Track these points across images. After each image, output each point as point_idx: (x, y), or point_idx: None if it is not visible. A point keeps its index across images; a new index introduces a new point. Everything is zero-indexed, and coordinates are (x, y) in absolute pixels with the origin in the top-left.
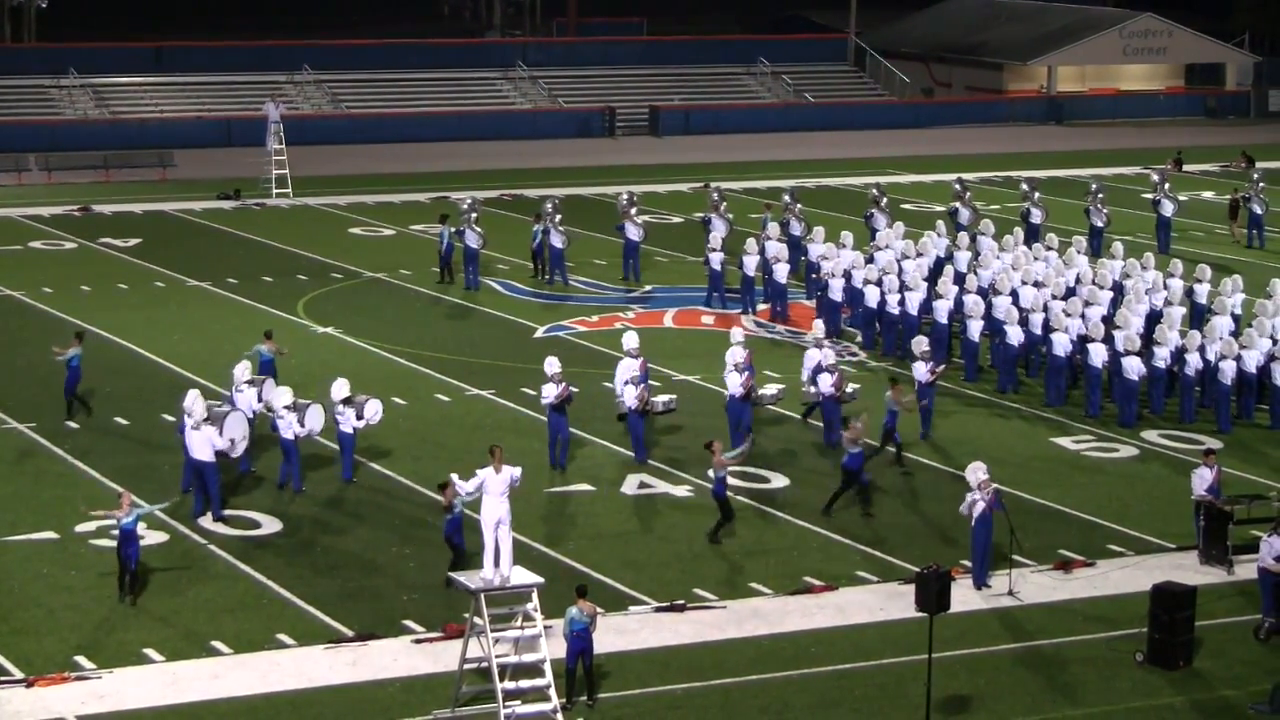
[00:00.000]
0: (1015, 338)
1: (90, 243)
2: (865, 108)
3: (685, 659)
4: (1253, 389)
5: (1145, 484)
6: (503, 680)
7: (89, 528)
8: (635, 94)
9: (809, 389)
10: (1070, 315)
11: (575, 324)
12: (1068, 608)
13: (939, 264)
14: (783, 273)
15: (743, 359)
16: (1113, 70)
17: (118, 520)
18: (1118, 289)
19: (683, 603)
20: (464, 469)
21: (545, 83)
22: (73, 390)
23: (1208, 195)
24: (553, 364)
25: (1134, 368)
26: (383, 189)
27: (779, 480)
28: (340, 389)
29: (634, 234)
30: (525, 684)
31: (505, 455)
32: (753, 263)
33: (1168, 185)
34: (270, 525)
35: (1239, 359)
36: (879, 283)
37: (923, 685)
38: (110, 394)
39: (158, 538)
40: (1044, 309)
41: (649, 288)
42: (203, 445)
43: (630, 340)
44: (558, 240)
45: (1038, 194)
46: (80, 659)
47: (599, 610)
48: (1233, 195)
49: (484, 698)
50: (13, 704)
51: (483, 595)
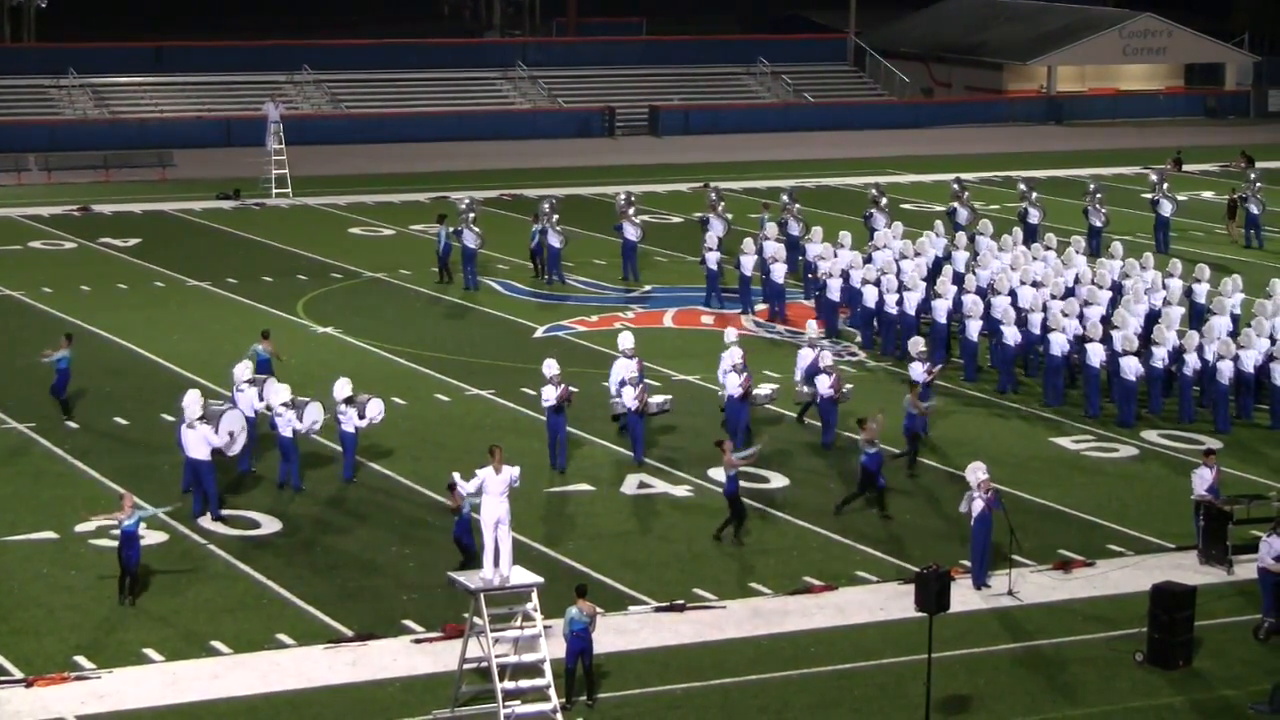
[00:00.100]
0: (1012, 338)
1: (90, 243)
2: (865, 108)
3: (685, 659)
4: (1250, 389)
5: (1145, 484)
6: (502, 680)
7: (89, 528)
8: (635, 94)
9: (802, 389)
10: (1068, 315)
11: (575, 324)
12: (1067, 608)
13: (937, 264)
14: (780, 273)
15: (740, 359)
16: (1112, 70)
17: (119, 522)
18: (1117, 289)
19: (682, 603)
20: (464, 469)
21: (545, 83)
22: (61, 391)
23: (1207, 195)
24: (551, 366)
25: (1131, 368)
26: (382, 189)
27: (778, 480)
28: (342, 388)
29: (632, 234)
30: (525, 684)
31: (505, 455)
32: (750, 263)
33: (1166, 185)
34: (270, 525)
35: (1236, 359)
36: (877, 282)
37: (922, 685)
38: (110, 394)
39: (157, 538)
40: (1043, 309)
41: (648, 288)
42: (198, 444)
43: (625, 340)
44: (555, 240)
45: (1035, 194)
46: (80, 659)
47: (599, 610)
48: (1231, 195)
49: (484, 698)
50: (12, 704)
51: (482, 595)
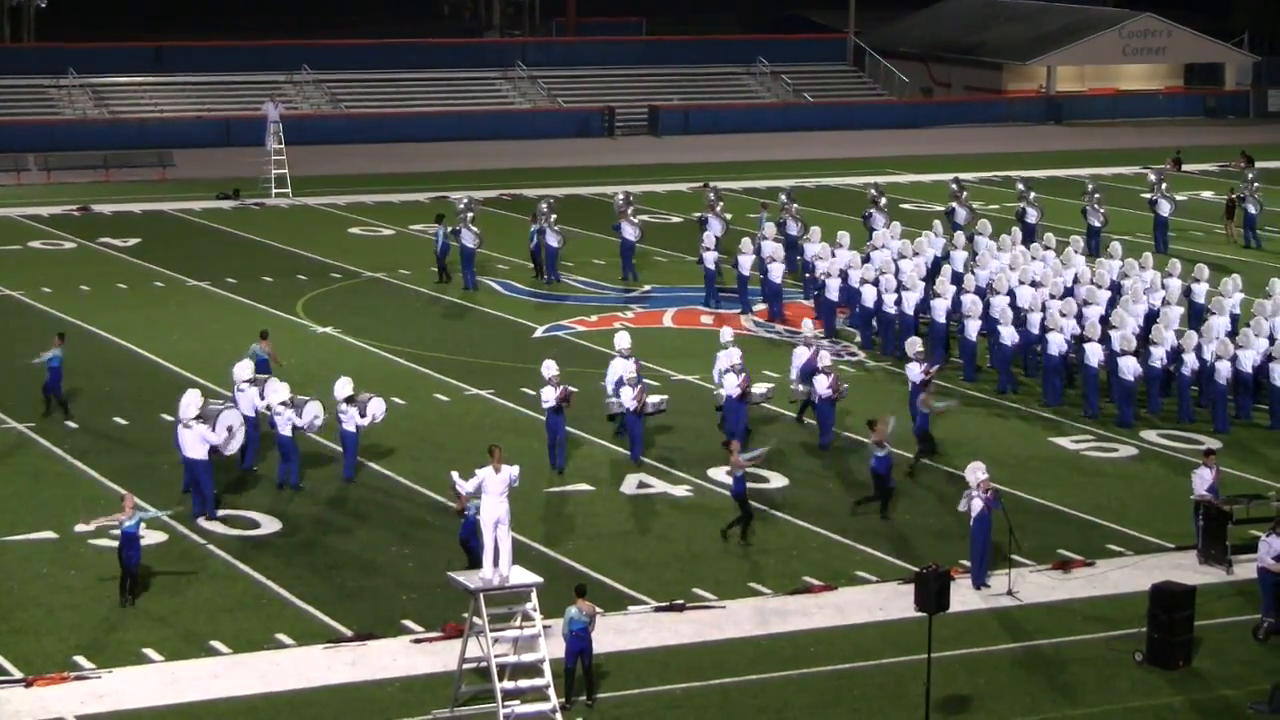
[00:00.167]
0: (1009, 337)
1: (89, 242)
2: (864, 107)
3: (684, 659)
4: (1249, 389)
5: (1144, 484)
6: (502, 680)
7: (88, 528)
8: (634, 94)
9: (797, 387)
10: (1066, 315)
11: (574, 324)
12: (1067, 607)
13: (936, 264)
14: (778, 273)
15: (739, 360)
16: (1112, 70)
17: (120, 523)
18: (1115, 289)
19: (682, 602)
20: (464, 469)
21: (544, 83)
22: (54, 390)
23: (1207, 195)
24: (550, 367)
25: (1130, 368)
26: (382, 189)
27: (777, 480)
28: (343, 387)
29: (630, 234)
30: (524, 684)
31: (504, 455)
32: (748, 262)
33: (1164, 185)
34: (270, 525)
35: (1234, 359)
36: (876, 282)
37: (922, 685)
38: (110, 394)
39: (157, 538)
40: (1041, 309)
41: (648, 287)
42: (194, 444)
43: (622, 340)
44: (553, 240)
45: (1033, 193)
46: (80, 659)
47: (598, 610)
48: (1229, 195)
49: (483, 697)
50: (12, 704)
51: (482, 595)
